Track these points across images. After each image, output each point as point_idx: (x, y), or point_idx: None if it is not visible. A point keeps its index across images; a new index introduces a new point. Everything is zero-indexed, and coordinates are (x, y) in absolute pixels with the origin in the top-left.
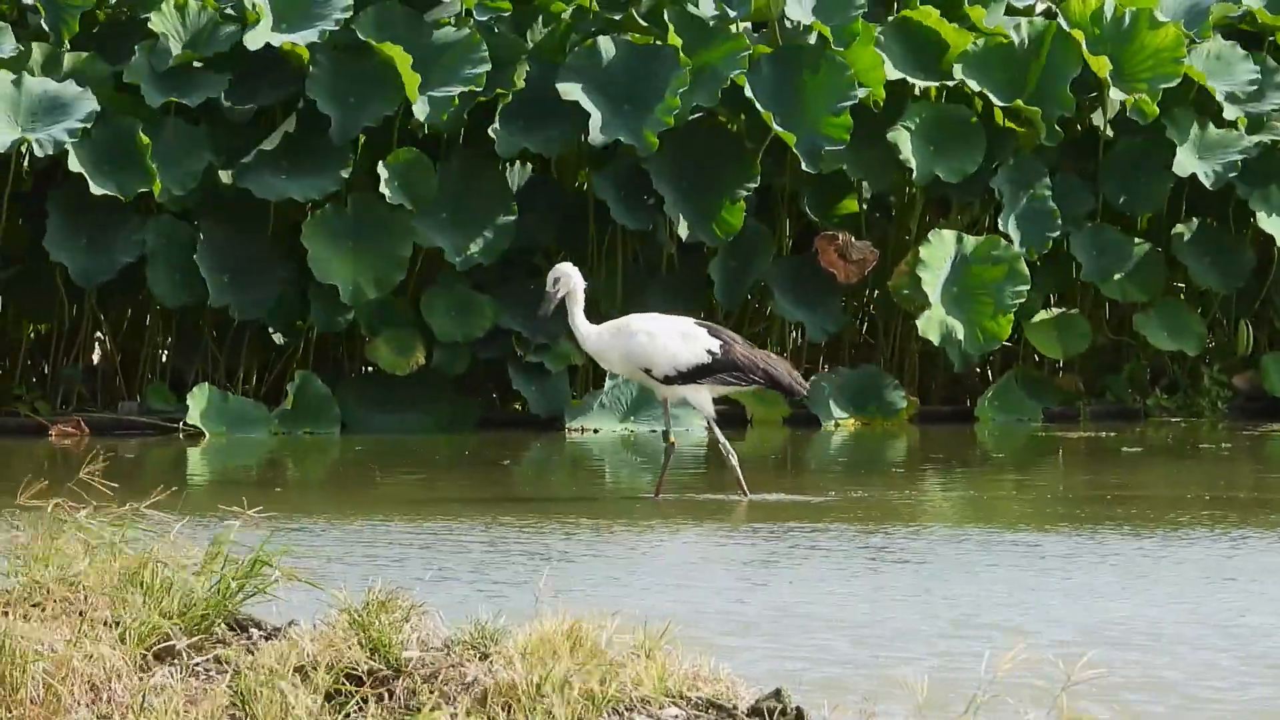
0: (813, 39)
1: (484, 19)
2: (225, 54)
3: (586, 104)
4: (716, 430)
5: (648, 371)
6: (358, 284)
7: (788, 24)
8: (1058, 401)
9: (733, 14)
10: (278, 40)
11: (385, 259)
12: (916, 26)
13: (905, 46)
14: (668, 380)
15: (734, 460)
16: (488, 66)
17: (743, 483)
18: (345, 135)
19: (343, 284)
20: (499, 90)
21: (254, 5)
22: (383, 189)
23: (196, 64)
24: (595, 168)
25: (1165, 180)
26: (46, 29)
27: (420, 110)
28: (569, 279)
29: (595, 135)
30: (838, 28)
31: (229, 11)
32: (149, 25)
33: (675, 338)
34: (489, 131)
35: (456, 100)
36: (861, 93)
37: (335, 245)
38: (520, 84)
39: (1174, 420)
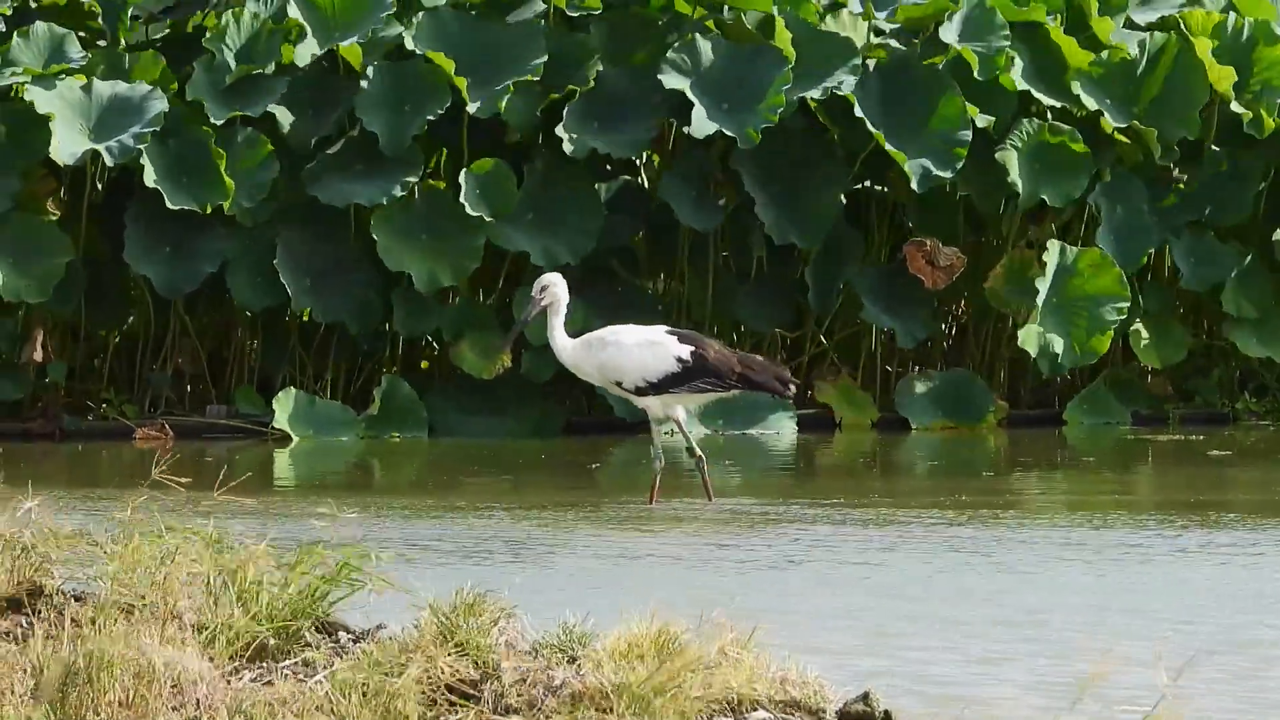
0: (945, 61)
1: (575, 15)
2: (282, 64)
3: (690, 95)
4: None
5: (619, 384)
6: (433, 272)
7: (933, 41)
8: (1146, 405)
9: (880, 17)
10: (324, 51)
11: (459, 248)
12: (1042, 38)
13: (1029, 58)
14: (639, 391)
15: (704, 465)
16: (544, 57)
17: (709, 487)
18: (396, 146)
19: (417, 273)
20: (570, 86)
21: (302, 17)
22: (462, 199)
23: (256, 73)
24: (669, 169)
25: (1262, 190)
26: (104, 28)
27: (475, 107)
28: (554, 289)
29: (697, 128)
30: (984, 56)
31: (281, 23)
32: (204, 42)
33: (643, 347)
34: (558, 131)
35: (512, 88)
36: (983, 122)
37: (406, 238)
38: (592, 83)
39: (1263, 424)
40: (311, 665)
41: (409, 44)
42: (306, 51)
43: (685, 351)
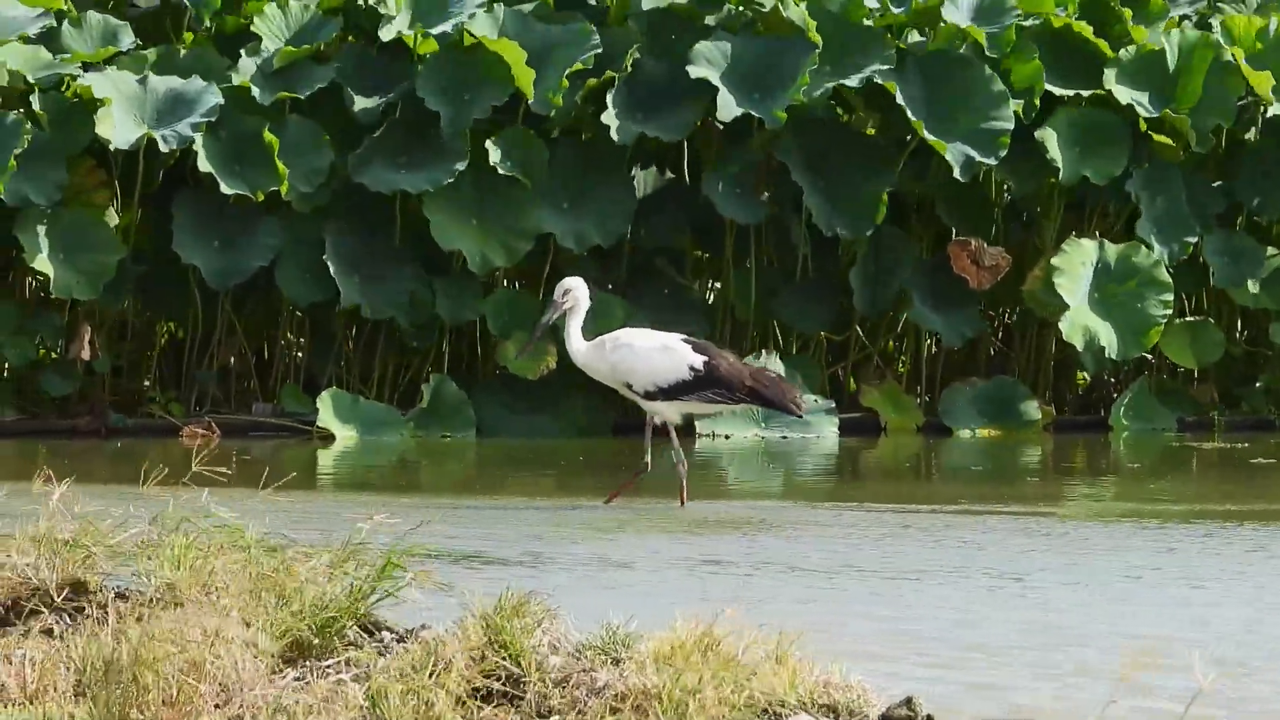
0: (966, 46)
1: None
2: (331, 48)
3: (715, 81)
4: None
5: (629, 386)
6: (484, 254)
7: (943, 26)
8: (1191, 411)
9: (896, 10)
10: (404, 34)
11: (510, 230)
12: (1065, 35)
13: (1054, 54)
14: (648, 395)
15: (684, 474)
16: (599, 49)
17: (685, 493)
18: (456, 129)
19: (470, 253)
20: (610, 72)
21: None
22: (494, 163)
23: (304, 60)
24: (715, 163)
25: None
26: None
27: (534, 100)
28: (576, 292)
29: (724, 112)
30: (992, 35)
31: (332, 11)
32: (252, 29)
33: (657, 352)
34: (603, 119)
35: (565, 83)
36: (1017, 103)
37: (459, 219)
38: (629, 69)
39: None
40: (354, 664)
41: (472, 33)
42: (386, 34)
43: (699, 360)
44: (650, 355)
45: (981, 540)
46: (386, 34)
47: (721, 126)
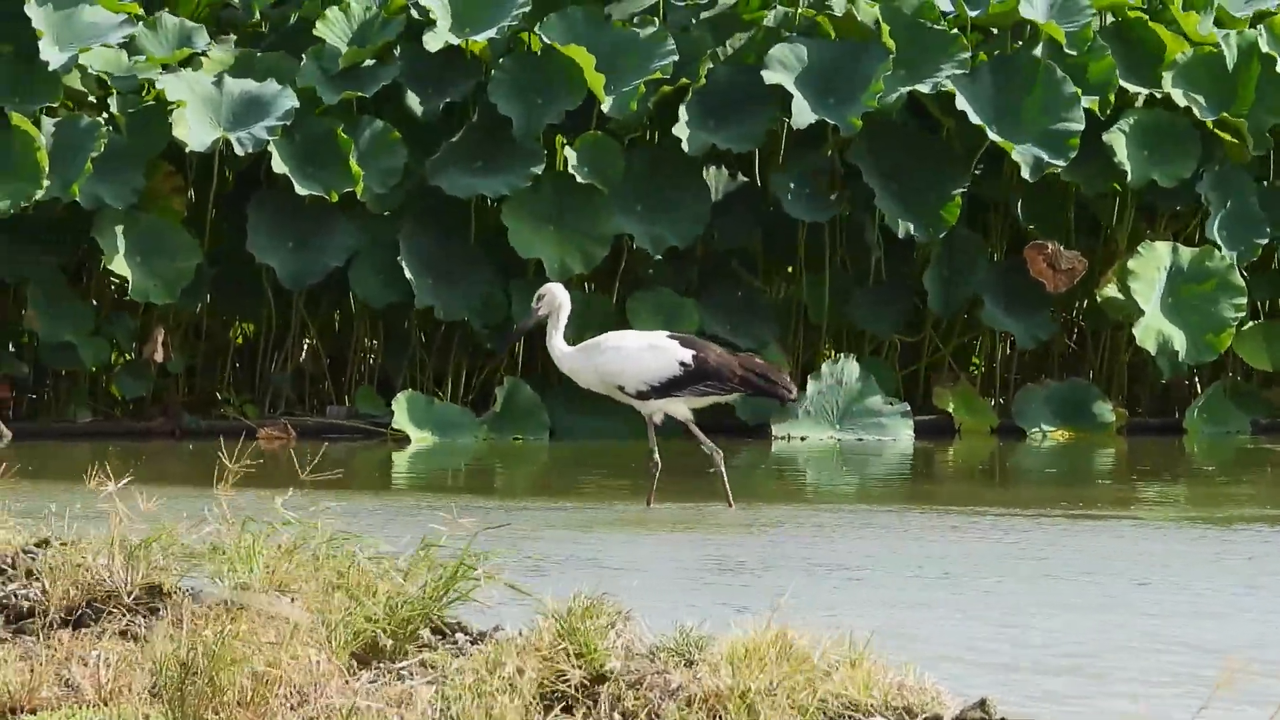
0: (1041, 46)
1: (678, 13)
2: (394, 49)
3: (790, 88)
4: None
5: (620, 388)
6: (563, 261)
7: (1020, 30)
8: (1266, 414)
9: (972, 13)
10: (456, 40)
11: (588, 236)
12: (1133, 32)
13: (1121, 52)
14: (641, 395)
15: (722, 467)
16: (675, 57)
17: (728, 490)
18: (529, 134)
19: (548, 260)
20: (684, 80)
21: (430, 6)
22: (571, 170)
23: (368, 62)
24: (785, 165)
25: None
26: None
27: (608, 104)
28: (553, 298)
29: (798, 119)
30: (1070, 33)
31: (411, 12)
32: (315, 32)
33: (644, 351)
34: (675, 131)
35: (643, 88)
36: (1091, 101)
37: (536, 226)
38: (703, 79)
39: None
40: (428, 666)
41: (545, 38)
42: (433, 42)
43: (688, 355)
44: (639, 355)
45: (1061, 542)
46: (432, 43)
47: (800, 132)
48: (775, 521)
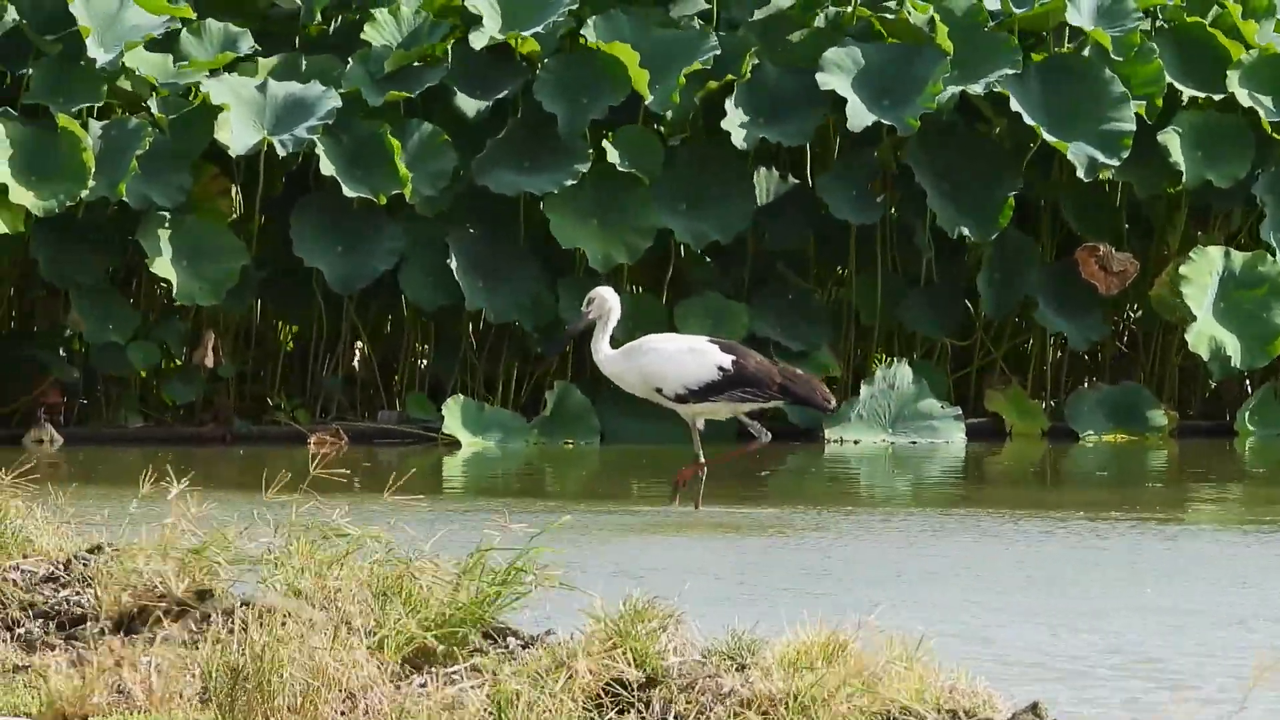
0: (1089, 48)
1: (732, 12)
2: (444, 52)
3: (844, 91)
4: (694, 436)
5: (659, 391)
6: (607, 253)
7: (1065, 31)
8: None
9: (1017, 10)
10: (500, 39)
11: (631, 228)
12: (1188, 37)
13: (1177, 56)
14: (679, 399)
15: (703, 475)
16: (717, 50)
17: (699, 497)
18: (574, 132)
19: (591, 251)
20: (730, 76)
21: (478, 4)
22: (612, 161)
23: (416, 64)
24: (833, 165)
25: None
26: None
27: (651, 100)
28: (604, 302)
29: (854, 121)
30: (1117, 38)
31: (464, 7)
32: (363, 35)
33: (684, 355)
34: (724, 125)
35: (683, 80)
36: (1137, 104)
37: (580, 219)
38: (747, 75)
39: None
40: (480, 671)
41: (590, 38)
42: (479, 39)
43: (727, 360)
44: (679, 357)
45: (1111, 545)
46: (478, 40)
47: (851, 133)
48: (830, 525)
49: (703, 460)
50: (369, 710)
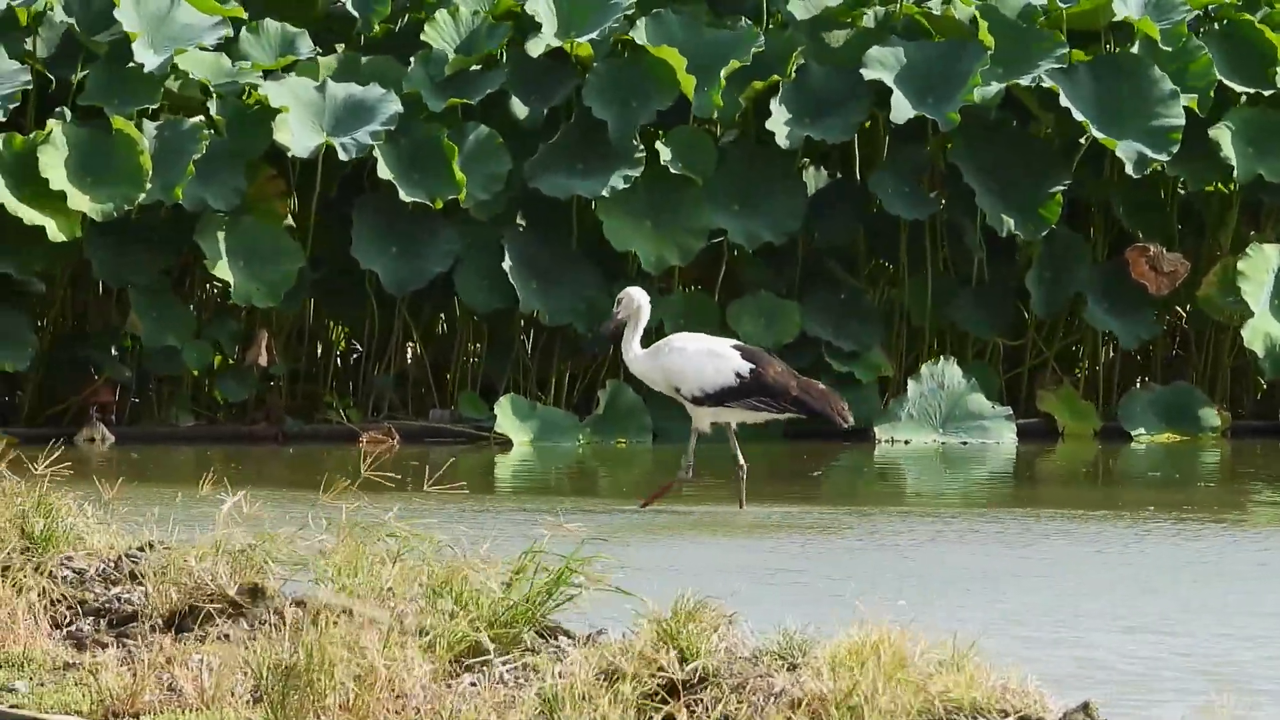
0: (1138, 44)
1: (780, 12)
2: (501, 55)
3: (889, 84)
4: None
5: (678, 390)
6: (660, 255)
7: (1113, 25)
8: None
9: (1066, 6)
10: (557, 44)
11: (684, 229)
12: (1239, 33)
13: (1227, 52)
14: (695, 400)
15: (743, 477)
16: (761, 48)
17: (742, 497)
18: (624, 135)
19: (644, 254)
20: (775, 77)
21: (536, 10)
22: (664, 162)
23: (474, 68)
24: (883, 162)
25: None
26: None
27: (696, 104)
28: (632, 301)
29: (897, 114)
30: (1165, 30)
31: (523, 11)
32: (422, 37)
33: (704, 357)
34: (768, 124)
35: (724, 81)
36: (1187, 100)
37: (632, 222)
38: (792, 74)
39: None
40: (532, 670)
41: (639, 40)
42: (534, 48)
43: (745, 368)
44: (699, 359)
45: (1202, 548)
46: (535, 47)
47: (893, 127)
48: (882, 526)
49: (691, 466)
50: (420, 709)
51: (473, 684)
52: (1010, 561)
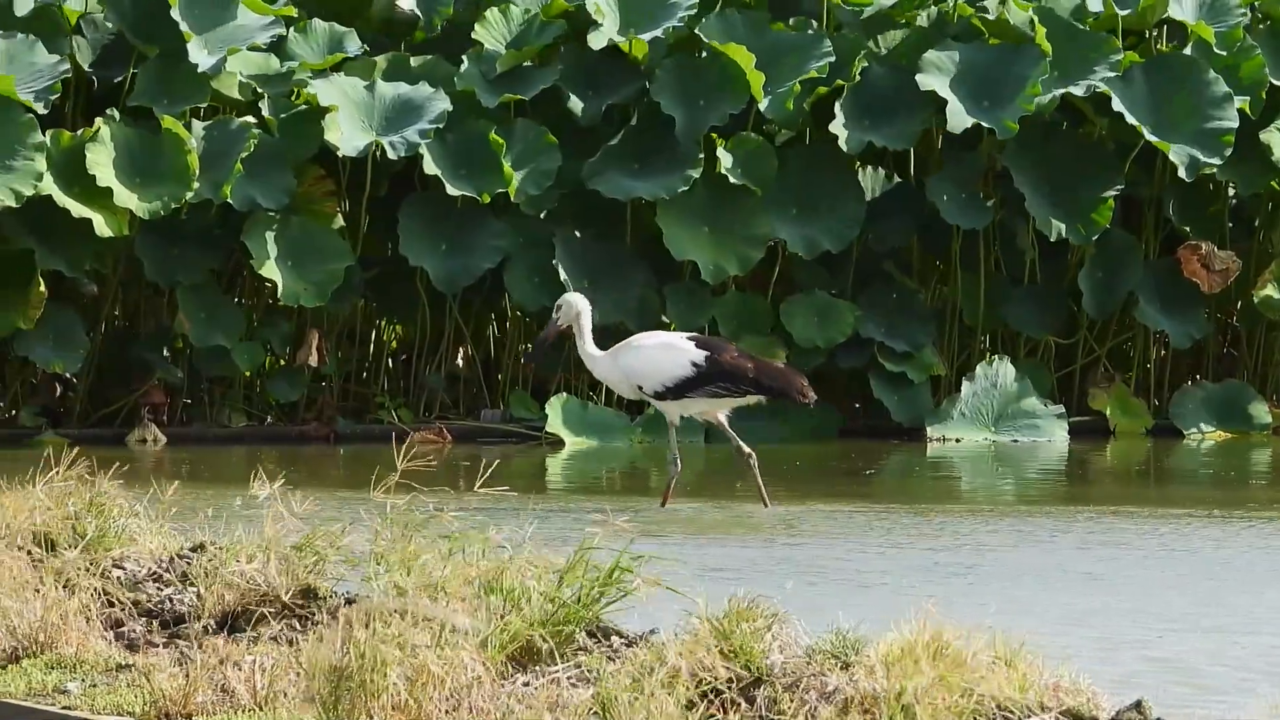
0: (1191, 45)
1: (839, 13)
2: (553, 52)
3: (944, 92)
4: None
5: (641, 389)
6: (718, 263)
7: (1168, 28)
8: None
9: (1122, 12)
10: (620, 39)
11: (742, 239)
12: None
13: (1275, 51)
14: (659, 396)
15: (755, 465)
16: (831, 58)
17: (764, 491)
18: (691, 135)
19: (703, 263)
20: (839, 81)
21: (596, 5)
22: (724, 171)
23: (526, 64)
24: (940, 167)
25: None
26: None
27: (765, 105)
28: (570, 308)
29: (954, 122)
30: (1220, 33)
31: (580, 8)
32: (473, 35)
33: (659, 351)
34: (831, 128)
35: (798, 87)
36: (1239, 102)
37: (691, 228)
38: (857, 78)
39: None
40: (584, 669)
41: (704, 39)
42: (595, 41)
43: (700, 356)
44: (654, 354)
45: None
46: (597, 41)
47: (952, 135)
48: (936, 523)
49: (678, 463)
50: (473, 709)
51: (525, 683)
52: (1069, 559)
